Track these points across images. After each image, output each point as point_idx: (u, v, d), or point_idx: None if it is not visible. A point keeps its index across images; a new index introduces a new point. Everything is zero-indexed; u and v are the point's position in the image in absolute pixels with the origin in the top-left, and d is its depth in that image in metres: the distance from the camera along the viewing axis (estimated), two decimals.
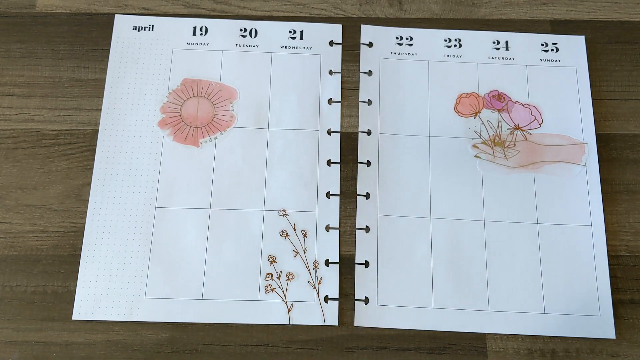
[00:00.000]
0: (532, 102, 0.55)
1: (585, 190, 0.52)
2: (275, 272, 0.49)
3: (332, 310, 0.48)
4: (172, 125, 0.53)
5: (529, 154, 0.53)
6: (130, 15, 0.56)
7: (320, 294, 0.49)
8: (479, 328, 0.48)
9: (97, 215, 0.50)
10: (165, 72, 0.55)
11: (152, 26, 0.56)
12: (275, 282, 0.49)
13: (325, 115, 0.54)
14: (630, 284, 0.50)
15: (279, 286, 0.49)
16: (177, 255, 0.49)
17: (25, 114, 0.53)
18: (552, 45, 0.57)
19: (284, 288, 0.49)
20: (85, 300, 0.48)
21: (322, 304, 0.48)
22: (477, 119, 0.55)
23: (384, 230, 0.51)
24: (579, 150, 0.53)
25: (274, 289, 0.48)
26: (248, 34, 0.57)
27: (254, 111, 0.54)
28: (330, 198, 0.52)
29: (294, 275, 0.49)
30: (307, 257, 0.50)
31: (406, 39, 0.57)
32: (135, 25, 0.56)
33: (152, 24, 0.56)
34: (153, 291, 0.48)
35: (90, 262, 0.49)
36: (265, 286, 0.48)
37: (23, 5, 0.57)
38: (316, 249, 0.50)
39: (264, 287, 0.48)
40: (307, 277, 0.49)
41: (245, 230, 0.50)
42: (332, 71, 0.56)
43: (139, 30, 0.56)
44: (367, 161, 0.53)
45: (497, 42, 0.57)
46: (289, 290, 0.49)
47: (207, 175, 0.52)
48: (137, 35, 0.56)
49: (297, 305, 0.48)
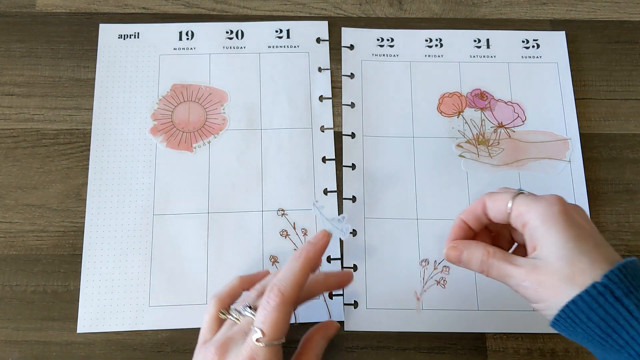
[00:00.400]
0: (515, 100, 0.55)
1: (570, 186, 0.52)
2: None
3: (337, 307, 0.48)
4: (165, 132, 0.53)
5: (513, 152, 0.53)
6: (114, 24, 0.56)
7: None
8: (470, 328, 0.48)
9: (95, 226, 0.50)
10: (154, 79, 0.55)
11: (138, 33, 0.56)
12: None
13: (317, 112, 0.54)
14: None
15: None
16: (179, 262, 0.49)
17: (25, 113, 0.53)
18: (532, 42, 0.57)
19: None
20: (89, 312, 0.47)
21: (327, 300, 0.48)
22: (461, 118, 0.55)
23: (371, 233, 0.50)
24: (562, 147, 0.53)
25: None
26: (234, 35, 0.57)
27: (246, 113, 0.54)
28: (328, 195, 0.52)
29: None
30: None
31: (387, 40, 0.57)
32: (121, 34, 0.56)
33: (137, 31, 0.56)
34: (157, 299, 0.48)
35: (92, 274, 0.48)
36: None
37: (23, 4, 0.57)
38: None
39: None
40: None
41: (245, 232, 0.50)
42: (321, 68, 0.56)
43: (125, 38, 0.56)
44: (352, 164, 0.53)
45: (478, 40, 0.57)
46: None
47: (203, 179, 0.52)
48: (123, 43, 0.56)
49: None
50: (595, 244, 0.36)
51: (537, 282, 0.36)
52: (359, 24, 0.58)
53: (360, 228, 0.51)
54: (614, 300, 0.33)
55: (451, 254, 0.40)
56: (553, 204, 0.37)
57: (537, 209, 0.37)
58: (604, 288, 0.34)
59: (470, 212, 0.41)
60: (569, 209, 0.37)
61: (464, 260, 0.40)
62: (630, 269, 0.35)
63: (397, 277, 0.49)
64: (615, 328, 0.34)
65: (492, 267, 0.38)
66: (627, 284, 0.34)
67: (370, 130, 0.54)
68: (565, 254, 0.35)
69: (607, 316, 0.34)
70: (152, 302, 0.48)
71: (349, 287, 0.48)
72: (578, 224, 0.37)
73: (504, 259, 0.38)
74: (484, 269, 0.39)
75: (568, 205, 0.38)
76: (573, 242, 0.35)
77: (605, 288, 0.34)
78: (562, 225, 0.36)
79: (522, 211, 0.38)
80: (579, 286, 0.34)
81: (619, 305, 0.33)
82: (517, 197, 0.38)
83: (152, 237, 0.50)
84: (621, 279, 0.34)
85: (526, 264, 0.37)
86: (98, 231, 0.50)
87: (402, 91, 0.55)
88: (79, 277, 0.48)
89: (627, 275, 0.34)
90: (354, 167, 0.52)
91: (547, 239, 0.36)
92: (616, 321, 0.34)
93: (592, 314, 0.34)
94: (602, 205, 0.52)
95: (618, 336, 0.34)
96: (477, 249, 0.39)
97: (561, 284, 0.35)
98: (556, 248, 0.36)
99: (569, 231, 0.36)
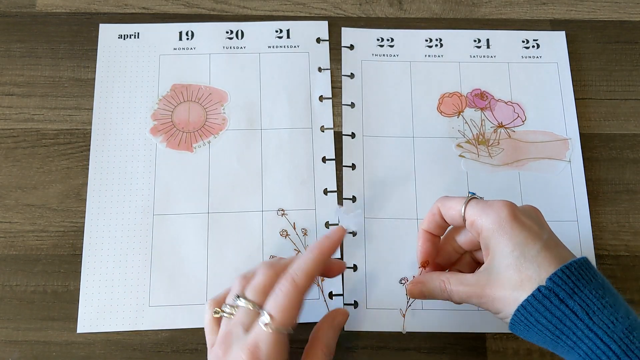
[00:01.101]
0: (515, 100, 0.55)
1: (570, 186, 0.52)
2: None
3: (337, 306, 0.48)
4: (165, 132, 0.53)
5: (513, 152, 0.53)
6: (114, 25, 0.56)
7: (324, 290, 0.49)
8: (470, 328, 0.48)
9: (95, 226, 0.50)
10: (154, 79, 0.55)
11: (138, 33, 0.56)
12: None
13: (317, 112, 0.54)
14: (630, 284, 0.50)
15: None
16: (179, 262, 0.49)
17: (25, 113, 0.53)
18: (532, 42, 0.57)
19: None
20: (89, 312, 0.47)
21: (326, 300, 0.48)
22: (461, 118, 0.54)
23: (372, 233, 0.50)
24: (562, 146, 0.53)
25: None
26: (235, 35, 0.57)
27: (246, 113, 0.54)
28: (328, 195, 0.52)
29: None
30: None
31: (387, 40, 0.57)
32: (121, 34, 0.56)
33: (137, 31, 0.56)
34: (157, 299, 0.48)
35: (92, 274, 0.48)
36: None
37: (23, 4, 0.57)
38: None
39: None
40: None
41: (245, 232, 0.50)
42: (321, 68, 0.56)
43: (125, 38, 0.56)
44: (352, 164, 0.53)
45: (478, 40, 0.57)
46: None
47: (203, 179, 0.52)
48: (123, 43, 0.56)
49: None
50: (543, 246, 0.37)
51: (491, 297, 0.37)
52: (358, 24, 0.58)
53: (360, 228, 0.50)
54: (559, 303, 0.34)
55: (414, 290, 0.42)
56: (501, 210, 0.38)
57: (487, 216, 0.38)
58: (548, 291, 0.35)
59: (429, 221, 0.43)
60: (517, 213, 0.38)
61: (426, 294, 0.41)
62: (575, 269, 0.35)
63: (397, 277, 0.49)
64: (563, 330, 0.35)
65: (452, 294, 0.40)
66: (572, 285, 0.35)
67: (370, 130, 0.54)
68: (513, 262, 0.36)
69: (554, 319, 0.35)
70: (152, 302, 0.48)
71: (348, 287, 0.48)
72: (526, 227, 0.37)
73: (459, 283, 0.39)
74: (446, 297, 0.40)
75: (517, 208, 0.39)
76: (520, 249, 0.36)
77: (550, 291, 0.35)
78: (509, 232, 0.37)
79: (474, 219, 0.39)
80: (526, 292, 0.35)
81: (564, 307, 0.34)
82: (469, 204, 0.40)
83: (152, 237, 0.50)
84: (565, 281, 0.35)
85: (478, 281, 0.38)
86: (98, 231, 0.50)
87: (402, 91, 0.55)
88: (79, 277, 0.48)
89: (571, 276, 0.35)
90: (354, 167, 0.52)
91: (496, 247, 0.37)
92: (563, 323, 0.34)
93: (540, 317, 0.35)
94: (602, 205, 0.52)
95: (567, 337, 0.35)
96: (433, 281, 0.41)
97: (512, 292, 0.36)
98: (504, 257, 0.37)
99: (516, 237, 0.37)
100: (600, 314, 0.34)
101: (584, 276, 0.35)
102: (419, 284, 0.42)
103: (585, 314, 0.34)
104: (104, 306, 0.48)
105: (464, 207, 0.40)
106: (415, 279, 0.43)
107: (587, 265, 0.36)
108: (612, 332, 0.33)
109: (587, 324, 0.34)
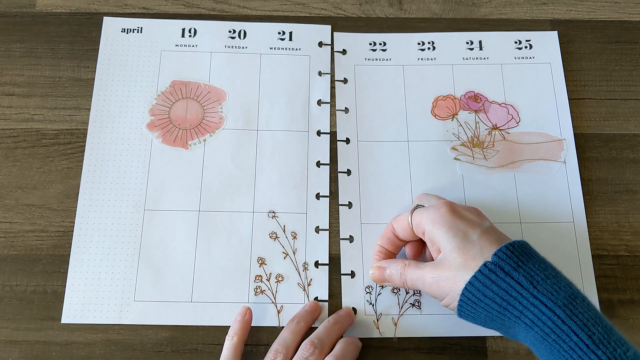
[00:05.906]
0: (509, 101, 0.55)
1: (565, 187, 0.52)
2: (265, 274, 0.49)
3: (322, 312, 0.48)
4: (161, 128, 0.53)
5: (508, 154, 0.53)
6: (118, 17, 0.56)
7: (310, 295, 0.48)
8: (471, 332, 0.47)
9: (86, 217, 0.50)
10: (154, 74, 0.55)
11: (141, 28, 0.56)
12: (265, 284, 0.48)
13: (314, 116, 0.54)
14: (630, 283, 0.50)
15: (268, 288, 0.48)
16: (166, 258, 0.49)
17: (25, 113, 0.53)
18: (525, 43, 0.57)
19: (274, 290, 0.48)
20: (74, 303, 0.47)
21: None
22: (455, 121, 0.54)
23: (368, 239, 0.50)
24: (557, 147, 0.53)
25: (263, 291, 0.48)
26: (237, 35, 0.57)
27: (243, 113, 0.54)
28: (320, 199, 0.51)
29: (283, 277, 0.49)
30: (296, 259, 0.49)
31: (379, 44, 0.57)
32: (124, 28, 0.56)
33: (140, 25, 0.56)
34: (142, 294, 0.48)
35: (79, 265, 0.48)
36: (254, 288, 0.48)
37: (23, 4, 0.57)
38: (306, 251, 0.50)
39: (254, 289, 0.48)
40: (296, 278, 0.49)
41: (235, 232, 0.50)
42: (321, 72, 0.56)
43: (128, 32, 0.56)
44: (347, 170, 0.52)
45: (471, 42, 0.57)
46: (279, 292, 0.48)
47: (196, 177, 0.52)
48: (126, 37, 0.56)
49: (287, 307, 0.48)
50: (483, 231, 0.41)
51: (437, 277, 0.41)
52: (358, 23, 0.58)
53: (357, 234, 0.50)
54: (505, 275, 0.38)
55: (376, 273, 0.46)
56: (441, 207, 0.42)
57: (428, 215, 0.42)
58: (494, 266, 0.38)
59: (384, 237, 0.47)
60: (456, 208, 0.42)
61: (387, 277, 0.45)
62: (517, 246, 0.39)
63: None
64: (509, 301, 0.37)
65: (407, 277, 0.43)
66: (515, 260, 0.38)
67: (365, 135, 0.54)
68: (456, 246, 0.40)
69: (500, 291, 0.37)
70: (138, 297, 0.48)
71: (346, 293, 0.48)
72: (465, 218, 0.42)
73: (415, 267, 0.43)
74: (402, 280, 0.44)
75: (457, 205, 0.43)
76: (461, 234, 0.40)
77: (495, 265, 0.38)
78: (449, 222, 0.41)
79: (418, 221, 0.43)
80: (472, 270, 0.39)
81: (510, 279, 0.37)
82: (414, 212, 0.44)
83: (141, 232, 0.50)
84: (509, 256, 0.38)
85: (429, 265, 0.42)
86: (89, 223, 0.50)
87: (395, 95, 0.55)
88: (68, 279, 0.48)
89: (515, 252, 0.39)
90: (349, 172, 0.52)
91: (439, 237, 0.41)
92: (509, 294, 0.37)
93: (488, 290, 0.38)
94: (602, 205, 0.52)
95: (513, 308, 0.37)
96: (396, 264, 0.45)
97: (457, 272, 0.39)
98: (447, 243, 0.40)
99: (457, 226, 0.41)
100: (544, 284, 0.37)
101: (526, 252, 0.39)
102: (382, 267, 0.46)
103: (530, 283, 0.37)
104: (89, 298, 0.48)
105: (410, 215, 0.44)
106: (379, 263, 0.46)
107: (528, 246, 0.40)
108: (556, 299, 0.36)
109: (532, 292, 0.37)
